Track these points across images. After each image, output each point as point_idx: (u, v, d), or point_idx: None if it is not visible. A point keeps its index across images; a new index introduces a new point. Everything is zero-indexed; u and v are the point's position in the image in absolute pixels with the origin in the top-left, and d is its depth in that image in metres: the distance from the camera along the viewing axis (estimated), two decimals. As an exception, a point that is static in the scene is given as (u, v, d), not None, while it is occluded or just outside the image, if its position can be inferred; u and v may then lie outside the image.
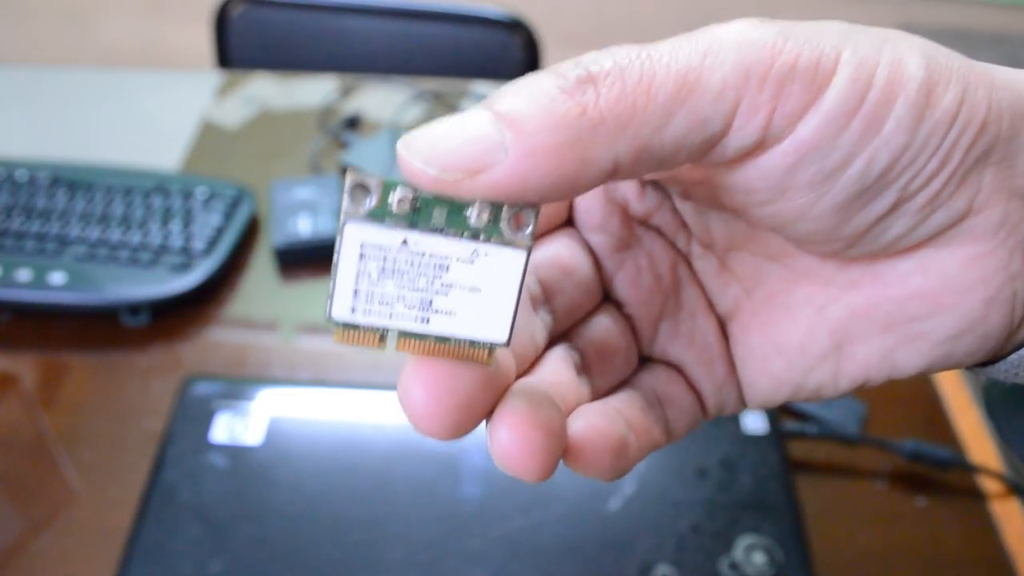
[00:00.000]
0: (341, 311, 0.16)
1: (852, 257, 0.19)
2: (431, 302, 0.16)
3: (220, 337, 0.60)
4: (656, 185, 0.22)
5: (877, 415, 0.55)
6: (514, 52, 1.02)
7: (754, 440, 0.51)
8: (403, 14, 1.02)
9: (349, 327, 0.16)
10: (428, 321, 0.16)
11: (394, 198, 0.15)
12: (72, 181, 0.66)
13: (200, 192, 0.66)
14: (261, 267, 0.66)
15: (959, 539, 0.49)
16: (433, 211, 0.15)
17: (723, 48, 0.15)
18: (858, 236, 0.18)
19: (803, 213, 0.17)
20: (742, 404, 0.22)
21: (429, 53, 1.03)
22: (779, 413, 0.53)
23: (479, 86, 0.86)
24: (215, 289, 0.63)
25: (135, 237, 0.62)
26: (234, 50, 1.04)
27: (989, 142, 0.16)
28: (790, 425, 0.53)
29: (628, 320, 0.22)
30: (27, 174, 0.67)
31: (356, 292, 0.16)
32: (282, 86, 0.85)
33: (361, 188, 0.15)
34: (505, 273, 0.16)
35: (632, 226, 0.22)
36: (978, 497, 0.51)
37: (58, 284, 0.59)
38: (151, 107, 0.83)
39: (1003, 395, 0.22)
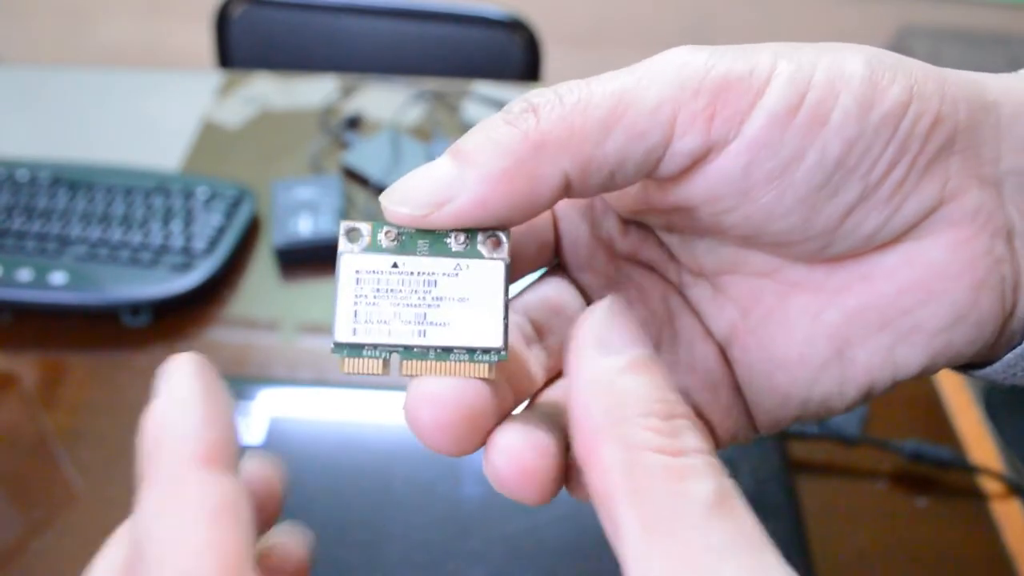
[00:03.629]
0: (344, 333, 0.17)
1: (835, 256, 0.19)
2: (425, 315, 0.17)
3: (221, 337, 0.60)
4: (639, 223, 0.22)
5: (877, 415, 0.55)
6: (514, 52, 1.02)
7: (754, 440, 0.51)
8: (403, 14, 1.02)
9: (354, 351, 0.17)
10: (425, 334, 0.17)
11: (382, 234, 0.17)
12: (73, 181, 0.66)
13: (201, 192, 0.66)
14: (262, 267, 0.66)
15: (959, 539, 0.49)
16: (417, 242, 0.18)
17: (659, 70, 0.17)
18: (832, 230, 0.18)
19: (771, 211, 0.18)
20: (754, 430, 0.22)
21: (429, 53, 1.03)
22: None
23: (479, 86, 0.86)
24: (216, 289, 0.63)
25: (136, 237, 0.62)
26: (234, 50, 1.04)
27: (948, 132, 0.17)
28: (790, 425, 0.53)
29: None
30: (28, 174, 0.67)
31: (356, 314, 0.17)
32: (282, 86, 0.85)
33: (354, 231, 0.17)
34: (488, 281, 0.18)
35: (619, 263, 0.22)
36: (978, 497, 0.51)
37: (59, 284, 0.59)
38: (152, 107, 0.83)
39: (1003, 396, 0.22)
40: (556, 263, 0.22)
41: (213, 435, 0.15)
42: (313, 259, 0.66)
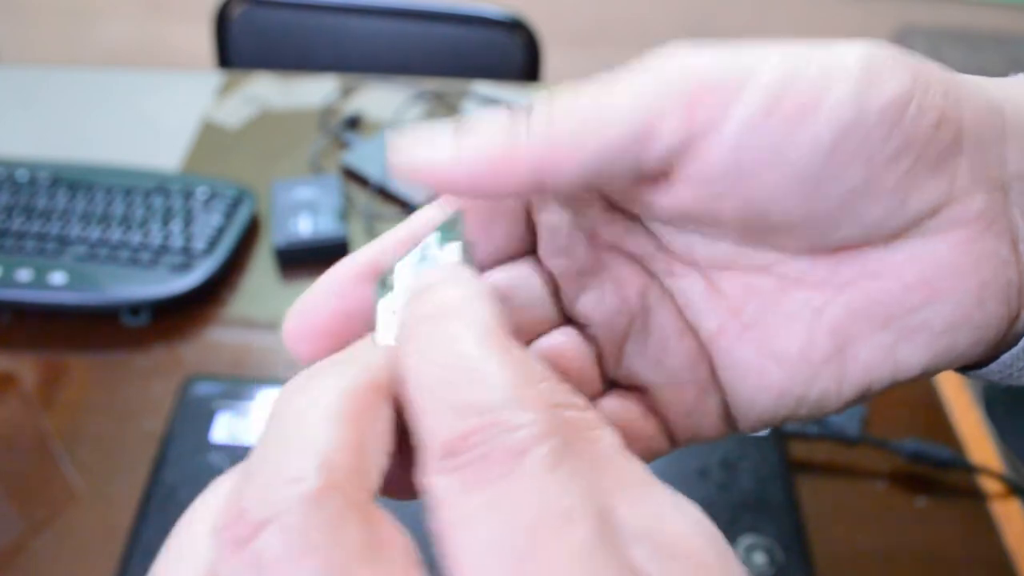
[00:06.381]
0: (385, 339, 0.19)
1: (839, 244, 0.19)
2: None
3: (220, 337, 0.60)
4: (626, 212, 0.21)
5: (877, 415, 0.55)
6: (514, 52, 1.02)
7: (754, 440, 0.51)
8: (403, 14, 1.02)
9: None
10: None
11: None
12: (73, 181, 0.66)
13: (200, 192, 0.66)
14: (261, 267, 0.66)
15: (959, 539, 0.49)
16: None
17: (639, 76, 0.17)
18: (834, 214, 0.18)
19: (770, 193, 0.17)
20: (726, 427, 0.22)
21: (429, 53, 1.03)
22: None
23: (479, 86, 0.86)
24: (215, 289, 0.63)
25: (136, 237, 0.62)
26: (234, 50, 1.04)
27: (954, 131, 0.17)
28: (790, 425, 0.53)
29: (591, 342, 0.21)
30: (28, 174, 0.67)
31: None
32: (282, 86, 0.85)
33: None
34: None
35: (599, 252, 0.21)
36: (978, 497, 0.51)
37: (59, 284, 0.59)
38: (151, 107, 0.83)
39: (1003, 396, 0.22)
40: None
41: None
42: (313, 259, 0.66)
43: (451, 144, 0.18)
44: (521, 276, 0.21)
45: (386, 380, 0.16)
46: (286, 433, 0.14)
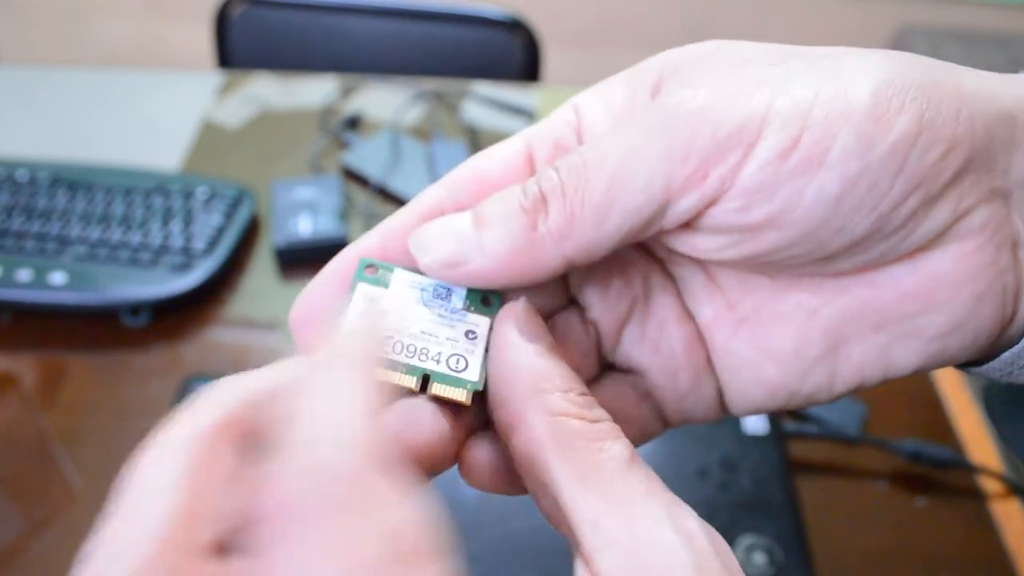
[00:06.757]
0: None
1: (840, 272, 0.19)
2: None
3: (220, 337, 0.60)
4: None
5: (877, 415, 0.55)
6: (514, 52, 1.02)
7: (754, 440, 0.51)
8: (403, 14, 1.02)
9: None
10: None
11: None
12: (73, 181, 0.66)
13: (200, 192, 0.66)
14: (261, 267, 0.66)
15: (959, 539, 0.49)
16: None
17: (651, 136, 0.17)
18: (837, 256, 0.18)
19: (775, 246, 0.18)
20: (719, 412, 0.22)
21: (429, 53, 1.03)
22: (779, 413, 0.54)
23: (479, 86, 0.86)
24: (215, 289, 0.63)
25: (135, 237, 0.62)
26: (234, 50, 1.04)
27: (964, 154, 0.17)
28: (790, 425, 0.53)
29: (592, 325, 0.22)
30: (27, 174, 0.67)
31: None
32: (282, 86, 0.85)
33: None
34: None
35: None
36: (978, 497, 0.51)
37: (58, 284, 0.59)
38: (151, 107, 0.83)
39: (1002, 395, 0.22)
40: None
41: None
42: (313, 259, 0.66)
43: (476, 244, 0.18)
44: None
45: (239, 414, 0.16)
46: (118, 508, 0.15)
